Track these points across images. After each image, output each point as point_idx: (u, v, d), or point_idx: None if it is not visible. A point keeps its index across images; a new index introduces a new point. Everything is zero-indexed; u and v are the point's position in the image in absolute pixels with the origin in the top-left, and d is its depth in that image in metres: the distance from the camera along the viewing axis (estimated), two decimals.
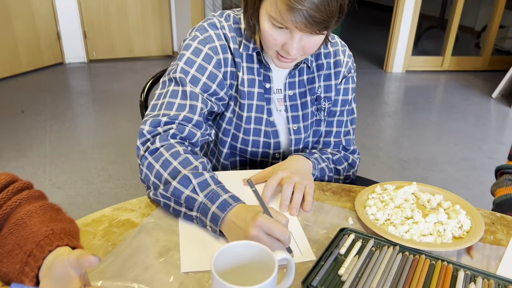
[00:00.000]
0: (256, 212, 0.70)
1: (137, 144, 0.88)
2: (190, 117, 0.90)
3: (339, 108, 1.09)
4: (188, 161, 0.81)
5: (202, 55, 0.94)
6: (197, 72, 0.93)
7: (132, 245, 0.72)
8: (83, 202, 2.25)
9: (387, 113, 3.65)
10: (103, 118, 3.35)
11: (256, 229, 0.67)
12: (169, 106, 0.90)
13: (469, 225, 0.77)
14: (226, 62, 0.96)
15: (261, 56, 0.98)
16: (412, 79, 4.63)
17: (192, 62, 0.93)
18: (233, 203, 0.74)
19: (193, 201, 0.76)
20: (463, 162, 2.80)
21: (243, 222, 0.70)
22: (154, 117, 0.89)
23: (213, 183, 0.78)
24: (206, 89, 0.94)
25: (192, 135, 0.90)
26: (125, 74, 4.52)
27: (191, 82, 0.92)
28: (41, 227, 0.64)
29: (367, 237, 0.75)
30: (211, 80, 0.94)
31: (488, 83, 4.50)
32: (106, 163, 2.66)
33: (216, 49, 0.95)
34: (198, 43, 0.94)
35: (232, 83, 0.99)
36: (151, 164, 0.83)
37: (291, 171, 0.89)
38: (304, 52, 0.89)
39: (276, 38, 0.86)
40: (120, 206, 0.83)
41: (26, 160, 2.66)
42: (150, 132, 0.87)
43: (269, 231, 0.67)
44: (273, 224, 0.67)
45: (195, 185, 0.77)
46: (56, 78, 4.30)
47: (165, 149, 0.83)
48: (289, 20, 0.80)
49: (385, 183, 0.91)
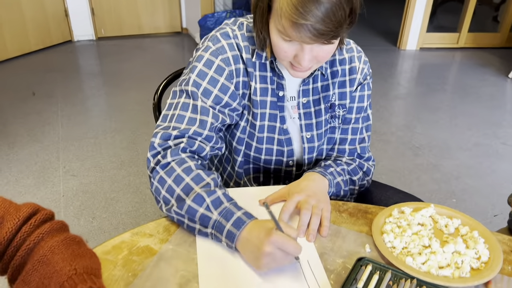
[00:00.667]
0: (269, 228, 0.73)
1: (148, 157, 0.90)
2: (200, 132, 0.91)
3: (354, 116, 1.08)
4: (200, 177, 0.83)
5: (214, 67, 0.93)
6: (209, 85, 0.92)
7: (152, 276, 0.74)
8: (97, 191, 2.28)
9: (400, 95, 3.60)
10: (114, 101, 3.35)
11: (271, 246, 0.71)
12: (179, 119, 0.91)
13: (487, 256, 0.77)
14: (238, 72, 0.95)
15: (274, 64, 0.97)
16: (426, 57, 4.53)
17: (204, 75, 0.93)
18: (247, 220, 0.77)
19: (208, 219, 0.79)
20: (476, 148, 2.77)
21: (257, 239, 0.73)
22: (165, 130, 0.90)
23: (226, 200, 0.81)
24: (218, 101, 0.93)
25: (202, 149, 0.91)
26: (134, 52, 4.47)
27: (203, 95, 0.92)
28: (64, 266, 0.65)
29: (384, 268, 0.75)
30: (223, 92, 0.94)
31: (505, 61, 4.39)
32: (118, 149, 2.69)
33: (228, 60, 0.94)
34: (210, 55, 0.93)
35: (245, 93, 0.99)
36: (163, 179, 0.84)
37: (308, 193, 0.89)
38: (318, 61, 0.87)
39: (287, 50, 0.85)
40: (139, 231, 0.84)
41: (40, 145, 2.68)
42: (160, 145, 0.88)
43: (283, 248, 0.71)
44: (286, 240, 0.71)
45: (208, 203, 0.79)
46: (65, 57, 4.28)
47: (177, 163, 0.85)
48: (294, 35, 0.79)
49: (402, 205, 0.90)
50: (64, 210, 2.13)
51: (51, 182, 2.34)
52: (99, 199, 2.22)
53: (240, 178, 1.09)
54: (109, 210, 2.14)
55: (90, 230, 2.01)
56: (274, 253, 0.71)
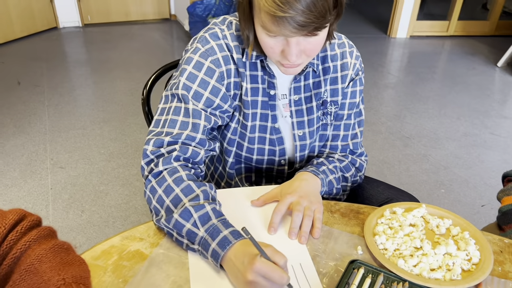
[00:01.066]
0: (254, 255, 0.68)
1: (141, 164, 0.88)
2: (193, 135, 0.89)
3: (346, 112, 1.07)
4: (190, 188, 0.81)
5: (204, 69, 0.91)
6: (200, 87, 0.91)
7: (143, 282, 0.73)
8: (86, 183, 2.25)
9: (390, 84, 3.60)
10: (102, 91, 3.30)
11: (253, 274, 0.67)
12: (172, 124, 0.89)
13: (478, 258, 0.78)
14: (229, 73, 0.94)
15: (264, 63, 0.95)
16: (416, 45, 4.53)
17: (194, 77, 0.91)
18: (233, 241, 0.73)
19: (194, 235, 0.76)
20: (465, 138, 2.80)
21: (241, 264, 0.69)
22: (157, 136, 0.88)
23: (214, 216, 0.78)
24: (209, 104, 0.92)
25: (196, 154, 0.89)
26: (122, 40, 4.39)
27: (193, 98, 0.90)
28: (52, 276, 0.64)
29: (376, 271, 0.75)
30: (214, 95, 0.92)
31: (494, 50, 4.41)
32: (107, 140, 2.65)
33: (218, 61, 0.92)
34: (199, 57, 0.91)
35: (236, 93, 0.97)
36: (154, 189, 0.83)
37: (300, 194, 0.88)
38: (307, 55, 0.85)
39: (273, 46, 0.83)
40: (129, 235, 0.83)
41: (26, 137, 2.64)
42: (153, 152, 0.87)
43: (267, 276, 0.66)
44: (270, 269, 0.66)
45: (196, 219, 0.77)
46: (51, 45, 4.19)
47: (168, 173, 0.83)
48: (275, 29, 0.77)
49: (394, 205, 0.90)
50: (53, 203, 2.11)
51: (38, 175, 2.31)
52: (88, 192, 2.20)
53: (232, 179, 1.08)
54: (98, 203, 2.12)
55: (79, 223, 1.99)
56: (257, 282, 0.66)
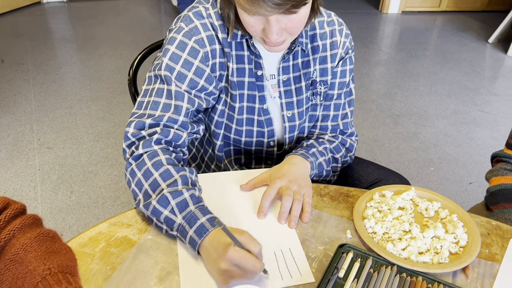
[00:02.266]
0: (227, 244, 0.68)
1: (123, 147, 0.87)
2: (175, 118, 0.87)
3: (336, 91, 1.05)
4: (168, 173, 0.80)
5: (187, 50, 0.88)
6: (183, 68, 0.88)
7: (131, 269, 0.72)
8: (74, 164, 2.23)
9: (381, 61, 3.57)
10: (88, 69, 3.23)
11: (226, 263, 0.66)
12: (154, 106, 0.87)
13: (466, 240, 0.78)
14: (214, 53, 0.91)
15: (249, 42, 0.92)
16: (408, 21, 4.48)
17: (177, 58, 0.88)
18: (210, 229, 0.72)
19: (172, 222, 0.76)
20: (455, 116, 2.81)
21: (216, 252, 0.69)
22: (139, 118, 0.86)
23: (192, 203, 0.76)
24: (193, 86, 0.90)
25: (178, 137, 0.87)
26: (108, 16, 4.28)
27: (177, 79, 0.88)
28: (37, 265, 0.63)
29: (365, 255, 0.76)
30: (198, 76, 0.90)
31: (485, 26, 4.38)
32: (95, 119, 2.61)
33: (202, 41, 0.89)
34: (183, 36, 0.89)
35: (222, 74, 0.95)
36: (134, 172, 0.82)
37: (289, 179, 0.88)
38: (289, 33, 0.83)
39: (254, 25, 0.81)
40: (116, 221, 0.81)
41: (12, 117, 2.59)
42: (134, 135, 0.85)
43: (240, 265, 0.66)
44: (243, 258, 0.66)
45: (173, 206, 0.76)
46: (34, 21, 4.06)
47: (148, 156, 0.82)
48: (250, 8, 0.75)
49: (383, 188, 0.90)
50: (41, 184, 2.08)
51: (25, 156, 2.27)
52: (77, 172, 2.18)
53: (221, 161, 1.07)
54: (87, 184, 2.10)
55: (68, 205, 1.97)
56: (230, 270, 0.66)
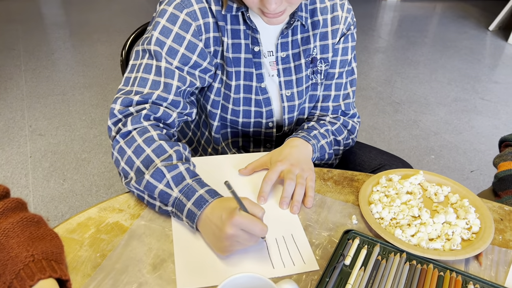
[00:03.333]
0: (232, 208, 0.66)
1: (108, 125, 0.81)
2: (165, 96, 0.82)
3: (337, 70, 1.00)
4: (162, 149, 0.75)
5: (179, 23, 0.83)
6: (174, 43, 0.83)
7: (123, 257, 0.67)
8: (67, 151, 2.17)
9: (380, 48, 3.51)
10: (82, 55, 3.15)
11: (234, 228, 0.64)
12: (142, 83, 0.82)
13: (479, 226, 0.74)
14: (207, 27, 0.85)
15: (245, 16, 0.86)
16: (407, 8, 4.41)
17: (168, 31, 0.82)
18: (209, 199, 0.69)
19: (168, 197, 0.71)
20: (455, 103, 2.76)
21: (219, 219, 0.66)
22: (126, 95, 0.81)
23: (189, 176, 0.73)
24: (185, 62, 0.84)
25: (167, 115, 0.82)
26: (102, 1, 4.19)
27: (167, 54, 0.82)
28: (20, 252, 0.58)
29: (373, 242, 0.71)
30: (190, 51, 0.84)
31: (486, 13, 4.32)
32: (88, 106, 2.55)
33: (195, 14, 0.83)
34: (174, 8, 0.83)
35: (217, 50, 0.89)
36: (123, 149, 0.76)
37: (291, 162, 0.83)
38: (289, 2, 0.78)
39: None
40: (107, 206, 0.76)
41: (3, 103, 2.52)
42: (121, 112, 0.80)
43: (247, 229, 0.64)
44: (250, 222, 0.64)
45: (169, 179, 0.72)
46: (26, 6, 3.97)
47: (138, 133, 0.77)
48: None
49: (390, 172, 0.86)
50: (32, 172, 2.03)
51: (16, 142, 2.21)
52: (70, 160, 2.12)
53: (218, 144, 1.02)
54: (80, 172, 2.05)
55: (61, 192, 1.92)
56: (237, 235, 0.64)
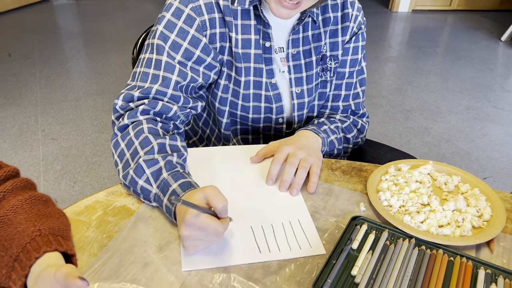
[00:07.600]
0: (186, 209, 0.62)
1: (112, 119, 0.83)
2: (164, 91, 0.82)
3: (347, 69, 1.00)
4: (147, 141, 0.75)
5: (183, 17, 0.83)
6: (178, 37, 0.83)
7: (129, 238, 0.67)
8: (78, 155, 2.19)
9: (391, 58, 3.51)
10: (95, 63, 3.21)
11: (188, 229, 0.61)
12: (144, 77, 0.83)
13: (490, 214, 0.72)
14: (212, 22, 0.85)
15: (259, 10, 0.87)
16: (418, 19, 4.42)
17: (172, 26, 0.83)
18: (180, 194, 0.67)
19: (148, 193, 0.72)
20: (467, 111, 2.73)
21: (180, 218, 0.64)
22: (129, 91, 0.82)
23: (165, 170, 0.71)
24: (188, 56, 0.84)
25: (167, 109, 0.83)
26: (116, 12, 4.27)
27: (171, 48, 0.83)
28: (27, 227, 0.58)
29: (381, 228, 0.70)
30: (194, 46, 0.84)
31: (497, 24, 4.31)
32: (100, 112, 2.58)
33: (200, 9, 0.84)
34: (179, 3, 0.83)
35: (224, 46, 0.89)
36: (118, 142, 0.78)
37: (298, 146, 0.82)
38: None
39: None
40: (115, 190, 0.77)
41: (17, 108, 2.56)
42: (122, 107, 0.82)
43: (201, 229, 0.61)
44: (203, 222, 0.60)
45: (148, 175, 0.72)
46: (43, 17, 4.07)
47: (133, 126, 0.78)
48: None
49: (399, 162, 0.85)
50: (44, 174, 2.05)
51: (29, 146, 2.24)
52: (81, 163, 2.14)
53: (228, 140, 1.02)
54: (91, 174, 2.06)
55: (71, 195, 1.93)
56: (193, 235, 0.61)
